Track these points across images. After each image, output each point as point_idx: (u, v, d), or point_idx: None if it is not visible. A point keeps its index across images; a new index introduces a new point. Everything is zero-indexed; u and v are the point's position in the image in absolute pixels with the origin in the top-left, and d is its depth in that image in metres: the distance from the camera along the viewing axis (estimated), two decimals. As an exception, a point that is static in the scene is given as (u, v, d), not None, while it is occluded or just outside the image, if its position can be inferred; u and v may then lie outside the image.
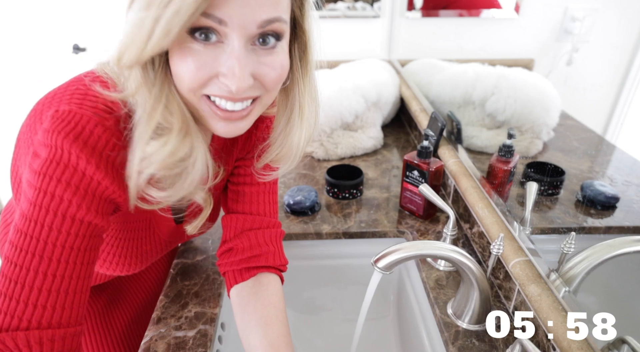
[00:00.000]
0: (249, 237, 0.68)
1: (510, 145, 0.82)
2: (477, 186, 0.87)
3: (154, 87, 0.46)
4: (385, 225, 0.95)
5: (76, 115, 0.46)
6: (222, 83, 0.46)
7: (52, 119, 0.46)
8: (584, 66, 0.77)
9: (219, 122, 0.50)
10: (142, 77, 0.46)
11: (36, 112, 0.52)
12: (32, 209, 0.46)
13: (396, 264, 0.61)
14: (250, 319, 0.63)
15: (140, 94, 0.46)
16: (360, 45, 1.73)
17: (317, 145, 1.26)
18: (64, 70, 1.97)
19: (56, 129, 0.46)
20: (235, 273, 0.68)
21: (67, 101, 0.48)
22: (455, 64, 1.22)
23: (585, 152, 0.76)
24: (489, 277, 0.76)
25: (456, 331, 0.69)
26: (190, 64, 0.44)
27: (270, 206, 0.71)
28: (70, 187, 0.46)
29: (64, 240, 0.47)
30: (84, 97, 0.49)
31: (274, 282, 0.68)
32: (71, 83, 0.52)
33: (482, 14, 1.29)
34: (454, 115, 1.05)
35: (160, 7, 0.40)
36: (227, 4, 0.41)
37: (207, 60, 0.45)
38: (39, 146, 0.47)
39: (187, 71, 0.45)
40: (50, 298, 0.46)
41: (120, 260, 0.66)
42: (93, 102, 0.48)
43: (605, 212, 0.66)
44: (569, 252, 0.61)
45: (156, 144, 0.47)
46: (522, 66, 0.96)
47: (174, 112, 0.48)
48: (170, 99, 0.48)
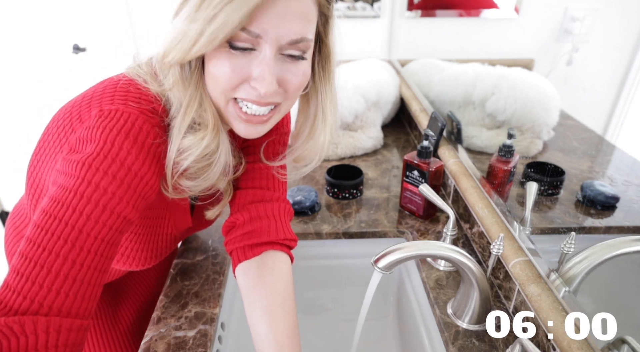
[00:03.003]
0: (249, 210, 0.67)
1: (510, 145, 0.82)
2: (477, 186, 0.87)
3: (190, 85, 0.52)
4: (385, 225, 0.95)
5: (124, 113, 0.49)
6: (252, 87, 0.51)
7: (100, 117, 0.49)
8: (584, 66, 0.77)
9: (241, 124, 0.55)
10: (180, 75, 0.51)
11: (71, 114, 0.54)
12: (69, 195, 0.46)
13: (396, 264, 0.61)
14: (255, 308, 0.62)
15: (176, 90, 0.51)
16: (360, 45, 1.73)
17: (317, 145, 1.26)
18: (64, 70, 1.97)
19: (107, 126, 0.48)
20: (238, 251, 0.66)
21: (109, 101, 0.51)
22: (455, 64, 1.22)
23: (585, 152, 0.76)
24: (489, 277, 0.76)
25: (456, 331, 0.69)
26: (227, 68, 0.50)
27: (278, 182, 0.71)
28: (116, 180, 0.48)
29: (98, 231, 0.47)
30: (126, 97, 0.52)
31: (280, 263, 0.65)
32: (108, 85, 0.55)
33: (482, 14, 1.29)
34: (454, 115, 1.05)
35: (205, 21, 0.46)
36: (264, 20, 0.47)
37: (242, 65, 0.50)
38: (80, 143, 0.49)
39: (223, 74, 0.50)
40: (66, 284, 0.45)
41: (137, 254, 0.67)
42: (136, 101, 0.52)
43: (605, 212, 0.66)
44: (569, 252, 0.61)
45: (193, 138, 0.52)
46: (522, 66, 0.96)
47: (207, 110, 0.53)
48: (203, 98, 0.53)
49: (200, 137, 0.53)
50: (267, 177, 0.70)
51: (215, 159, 0.55)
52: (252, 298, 0.63)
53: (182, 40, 0.48)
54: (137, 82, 0.54)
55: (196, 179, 0.56)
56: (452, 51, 1.30)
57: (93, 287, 0.48)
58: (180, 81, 0.51)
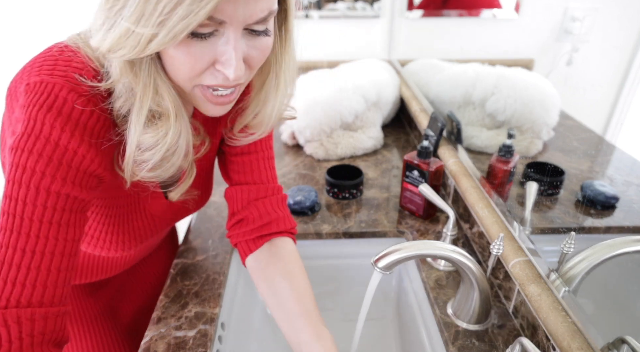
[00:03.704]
0: (257, 207, 0.70)
1: (510, 145, 0.82)
2: (477, 186, 0.87)
3: (140, 72, 0.46)
4: (385, 225, 0.95)
5: (48, 84, 0.45)
6: (218, 71, 0.47)
7: (25, 93, 0.46)
8: (584, 66, 0.77)
9: (209, 105, 0.52)
10: (128, 64, 0.45)
11: (10, 91, 0.50)
12: (8, 186, 0.45)
13: (396, 264, 0.61)
14: (274, 276, 0.66)
15: (125, 80, 0.46)
16: (360, 45, 1.73)
17: (317, 145, 1.26)
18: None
19: (30, 103, 0.45)
20: (248, 243, 0.70)
21: (36, 72, 0.47)
22: (455, 64, 1.22)
23: (585, 152, 0.76)
24: (488, 277, 0.76)
25: (456, 331, 0.69)
26: (188, 56, 0.45)
27: (270, 172, 0.73)
28: (42, 158, 0.45)
29: (41, 214, 0.45)
30: (54, 65, 0.47)
31: (289, 244, 0.71)
32: (40, 55, 0.50)
33: (482, 14, 1.29)
34: (454, 115, 1.05)
35: (164, 14, 0.40)
36: (229, 6, 0.42)
37: (205, 52, 0.45)
38: (16, 124, 0.46)
39: (185, 63, 0.45)
40: (29, 276, 0.45)
41: (112, 237, 0.64)
42: (63, 70, 0.47)
43: (605, 212, 0.66)
44: (568, 252, 0.61)
45: (154, 134, 0.48)
46: (522, 66, 0.96)
47: (165, 97, 0.48)
48: (159, 83, 0.47)
49: (163, 133, 0.49)
50: (265, 169, 0.71)
51: (177, 148, 0.51)
52: (269, 270, 0.67)
53: (132, 37, 0.41)
54: (71, 48, 0.49)
55: (157, 170, 0.52)
56: (452, 51, 1.30)
57: (60, 272, 0.47)
58: (130, 70, 0.46)
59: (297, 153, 1.29)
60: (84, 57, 0.48)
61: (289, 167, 1.21)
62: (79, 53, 0.48)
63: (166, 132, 0.49)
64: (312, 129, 1.24)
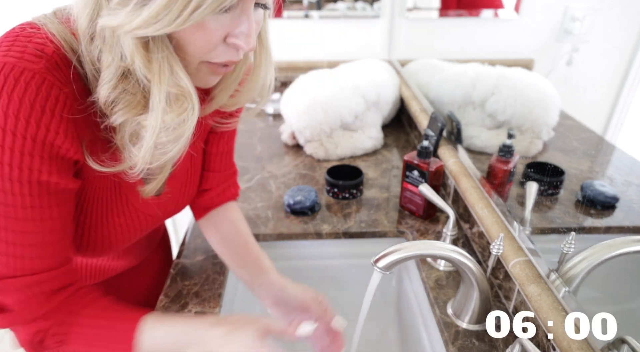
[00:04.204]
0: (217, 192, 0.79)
1: (510, 145, 0.82)
2: (477, 186, 0.87)
3: (155, 52, 0.44)
4: (385, 225, 0.95)
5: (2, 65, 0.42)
6: (228, 46, 0.47)
7: None
8: (584, 66, 0.77)
9: (209, 76, 0.51)
10: (140, 43, 0.43)
11: None
12: None
13: (396, 264, 0.61)
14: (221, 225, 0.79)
15: (138, 61, 0.43)
16: (360, 45, 1.73)
17: (317, 145, 1.26)
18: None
19: None
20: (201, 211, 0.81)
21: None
22: (455, 64, 1.22)
23: (585, 152, 0.76)
24: (489, 277, 0.76)
25: (456, 331, 0.69)
26: (200, 29, 0.44)
27: (230, 161, 0.80)
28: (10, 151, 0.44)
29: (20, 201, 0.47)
30: (11, 45, 0.44)
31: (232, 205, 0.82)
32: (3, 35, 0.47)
33: (482, 14, 1.29)
34: (454, 116, 1.05)
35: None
36: None
37: (219, 26, 0.45)
38: None
39: (199, 39, 0.44)
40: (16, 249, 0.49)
41: (91, 234, 0.61)
42: (21, 47, 0.44)
43: (605, 212, 0.66)
44: (569, 252, 0.61)
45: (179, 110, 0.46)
46: (522, 66, 0.96)
47: (181, 76, 0.46)
48: (173, 63, 0.46)
49: (190, 107, 0.47)
50: (224, 162, 0.78)
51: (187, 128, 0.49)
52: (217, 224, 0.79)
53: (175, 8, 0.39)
54: (33, 24, 0.46)
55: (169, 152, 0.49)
56: (452, 51, 1.30)
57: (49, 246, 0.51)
58: (145, 51, 0.43)
59: (297, 153, 1.29)
60: (48, 32, 0.45)
61: (289, 167, 1.21)
62: (42, 29, 0.45)
63: (192, 106, 0.47)
64: (312, 129, 1.24)
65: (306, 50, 1.74)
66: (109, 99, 0.46)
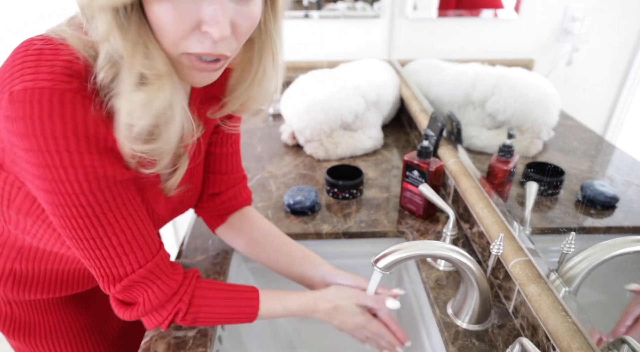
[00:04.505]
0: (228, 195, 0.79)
1: (510, 145, 0.82)
2: (477, 186, 0.87)
3: (128, 32, 0.44)
4: (385, 225, 0.95)
5: (35, 93, 0.42)
6: (204, 34, 0.45)
7: (12, 105, 0.43)
8: (584, 66, 0.77)
9: (195, 73, 0.50)
10: (114, 19, 0.42)
11: None
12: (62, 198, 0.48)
13: (396, 264, 0.61)
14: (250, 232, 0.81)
15: (112, 39, 0.43)
16: (360, 45, 1.73)
17: (317, 145, 1.26)
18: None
19: (25, 116, 0.43)
20: (215, 218, 0.82)
21: (18, 78, 0.43)
22: (455, 64, 1.22)
23: (585, 152, 0.76)
24: (488, 277, 0.76)
25: (456, 331, 0.69)
26: (172, 12, 0.43)
27: (238, 164, 0.81)
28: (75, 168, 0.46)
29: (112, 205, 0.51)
30: (37, 66, 0.44)
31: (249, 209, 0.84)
32: (18, 53, 0.45)
33: (482, 14, 1.29)
34: (454, 115, 1.05)
35: None
36: None
37: (189, 9, 0.43)
38: (13, 136, 0.44)
39: (169, 21, 0.44)
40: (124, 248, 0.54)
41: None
42: (49, 68, 0.44)
43: (605, 212, 0.66)
44: (569, 252, 0.61)
45: (148, 90, 0.46)
46: (522, 66, 0.96)
47: (156, 58, 0.46)
48: (149, 46, 0.45)
49: (156, 88, 0.46)
50: (231, 163, 0.78)
51: (171, 115, 0.49)
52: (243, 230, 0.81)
53: None
54: (53, 40, 0.46)
55: (155, 141, 0.50)
56: (452, 51, 1.30)
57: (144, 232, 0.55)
58: (116, 27, 0.43)
59: (297, 153, 1.29)
60: (71, 48, 0.46)
61: (289, 167, 1.21)
62: (62, 44, 0.46)
63: (159, 87, 0.46)
64: (312, 129, 1.24)
65: (306, 50, 1.74)
66: (105, 86, 0.46)
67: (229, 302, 0.64)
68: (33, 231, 0.60)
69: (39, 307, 0.74)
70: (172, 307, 0.60)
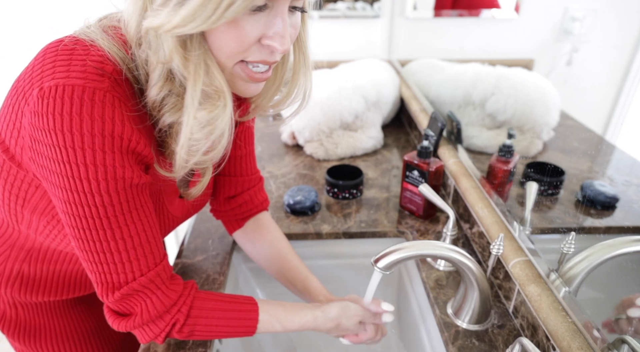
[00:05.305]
0: (244, 197, 0.79)
1: (510, 145, 0.82)
2: (477, 186, 0.87)
3: (191, 51, 0.46)
4: (385, 225, 0.95)
5: (66, 89, 0.43)
6: (264, 46, 0.48)
7: (41, 100, 0.43)
8: (584, 66, 0.77)
9: (248, 84, 0.53)
10: (178, 42, 0.45)
11: (17, 93, 0.48)
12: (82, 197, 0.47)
13: (396, 264, 0.61)
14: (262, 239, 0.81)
15: (176, 60, 0.45)
16: (360, 45, 1.73)
17: (317, 145, 1.26)
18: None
19: (54, 111, 0.43)
20: (232, 222, 0.83)
21: (49, 74, 0.44)
22: (455, 64, 1.22)
23: (585, 152, 0.76)
24: (488, 277, 0.76)
25: (456, 331, 0.69)
26: (240, 30, 0.46)
27: (253, 165, 0.80)
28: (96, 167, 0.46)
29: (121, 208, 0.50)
30: (69, 62, 0.45)
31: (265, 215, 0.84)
32: (49, 51, 0.47)
33: (482, 14, 1.29)
34: (454, 115, 1.05)
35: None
36: None
37: (254, 27, 0.46)
38: (38, 132, 0.45)
39: (237, 37, 0.46)
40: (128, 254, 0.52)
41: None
42: (81, 67, 0.44)
43: (605, 212, 0.66)
44: (569, 252, 0.61)
45: (212, 108, 0.48)
46: (522, 66, 0.96)
47: (216, 76, 0.48)
48: (209, 63, 0.48)
49: (222, 105, 0.48)
50: (247, 165, 0.78)
51: (227, 128, 0.51)
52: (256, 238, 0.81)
53: (209, 6, 0.41)
54: (83, 41, 0.47)
55: (211, 152, 0.52)
56: (452, 51, 1.30)
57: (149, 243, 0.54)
58: (180, 49, 0.45)
59: (297, 153, 1.29)
60: (100, 49, 0.47)
61: (289, 167, 1.21)
62: (93, 46, 0.47)
63: (224, 104, 0.49)
64: (311, 129, 1.24)
65: (306, 50, 1.74)
66: (157, 100, 0.49)
67: (227, 315, 0.62)
68: (46, 230, 0.60)
69: (45, 310, 0.74)
70: (170, 318, 0.58)
